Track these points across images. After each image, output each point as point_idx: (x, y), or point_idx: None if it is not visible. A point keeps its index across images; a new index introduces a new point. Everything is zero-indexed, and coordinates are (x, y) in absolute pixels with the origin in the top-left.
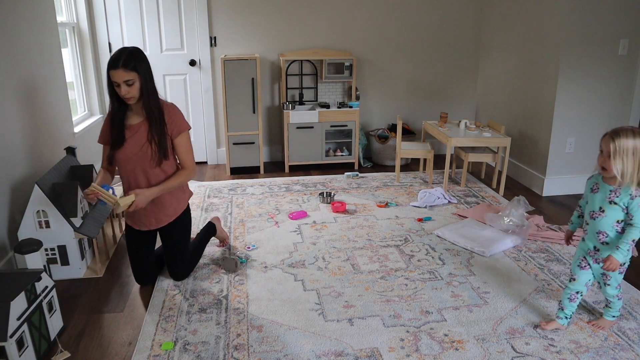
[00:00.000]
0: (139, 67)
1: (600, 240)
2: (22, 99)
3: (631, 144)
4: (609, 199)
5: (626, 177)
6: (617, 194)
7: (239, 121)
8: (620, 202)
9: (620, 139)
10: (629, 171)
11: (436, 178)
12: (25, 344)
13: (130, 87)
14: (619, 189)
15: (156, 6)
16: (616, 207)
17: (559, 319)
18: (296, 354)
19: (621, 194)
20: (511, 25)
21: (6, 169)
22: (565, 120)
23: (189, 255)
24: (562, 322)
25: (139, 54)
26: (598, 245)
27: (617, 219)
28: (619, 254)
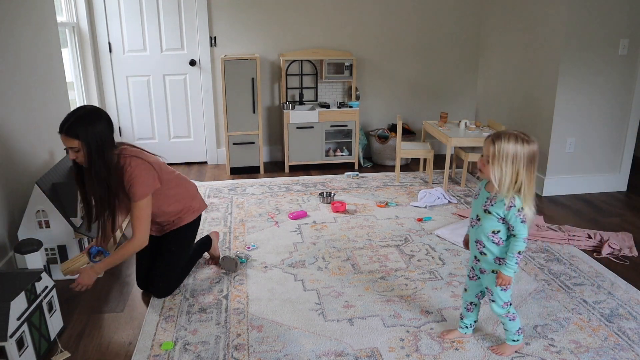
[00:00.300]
0: (82, 135)
1: (479, 249)
2: (22, 98)
3: (512, 150)
4: (484, 207)
5: (503, 187)
6: (492, 203)
7: (239, 121)
8: (494, 212)
9: (501, 143)
10: (506, 180)
11: (436, 178)
12: (25, 344)
13: (77, 153)
14: (494, 198)
15: (156, 6)
16: (491, 216)
17: (460, 328)
18: (296, 354)
19: (496, 203)
20: (511, 25)
21: (6, 169)
22: (565, 120)
23: (177, 271)
24: (463, 332)
25: (88, 119)
26: (478, 255)
27: (492, 229)
28: (507, 269)
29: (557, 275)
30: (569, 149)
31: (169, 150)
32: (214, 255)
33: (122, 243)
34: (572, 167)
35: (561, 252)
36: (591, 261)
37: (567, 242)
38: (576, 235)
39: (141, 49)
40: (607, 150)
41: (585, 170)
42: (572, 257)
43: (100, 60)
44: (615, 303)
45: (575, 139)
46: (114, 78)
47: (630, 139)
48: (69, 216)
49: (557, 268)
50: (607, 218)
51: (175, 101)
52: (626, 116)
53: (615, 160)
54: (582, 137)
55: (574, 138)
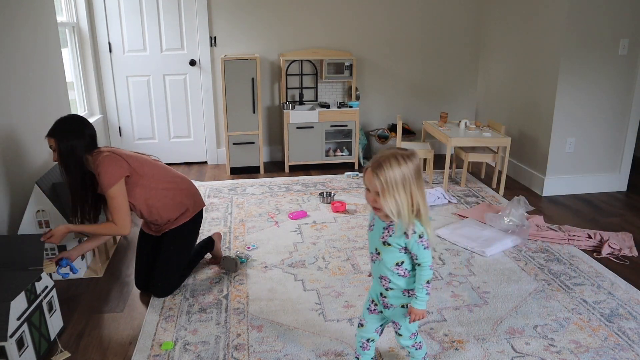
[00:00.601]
0: (58, 135)
1: (384, 285)
2: (22, 98)
3: (399, 175)
4: (382, 239)
5: (403, 216)
6: (390, 233)
7: (239, 121)
8: (394, 243)
9: (385, 172)
10: (404, 208)
11: (436, 178)
12: (25, 343)
13: (54, 152)
14: (391, 227)
15: (156, 6)
16: (391, 248)
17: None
18: (296, 354)
19: (394, 233)
20: (511, 25)
21: (6, 169)
22: (565, 120)
23: (177, 273)
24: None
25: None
26: (384, 291)
27: (395, 261)
28: (418, 302)
29: (557, 275)
30: (569, 149)
31: (169, 150)
32: (217, 256)
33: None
34: (572, 167)
35: (561, 252)
36: (591, 261)
37: (567, 242)
38: (576, 235)
39: (141, 49)
40: (607, 150)
41: (585, 170)
42: (572, 257)
43: (100, 60)
44: (615, 303)
45: (575, 139)
46: (114, 78)
47: (630, 138)
48: (69, 216)
49: (557, 268)
50: (607, 218)
51: (175, 101)
52: (626, 116)
53: (615, 160)
54: (582, 137)
55: (574, 138)
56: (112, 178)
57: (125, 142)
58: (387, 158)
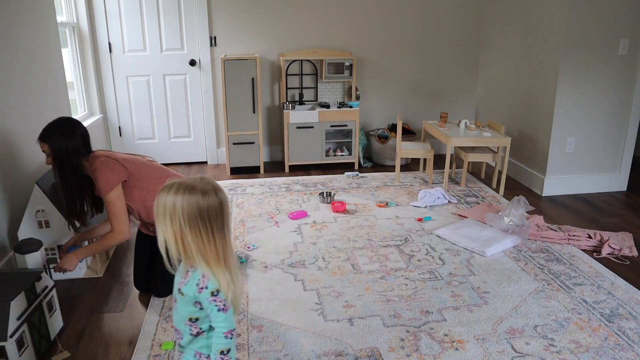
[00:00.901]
0: (49, 139)
1: (177, 340)
2: (22, 98)
3: (169, 203)
4: (179, 286)
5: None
6: (186, 280)
7: (239, 121)
8: (186, 293)
9: (159, 195)
10: (170, 244)
11: (436, 178)
12: (25, 343)
13: (48, 157)
14: (189, 272)
15: (156, 6)
16: (185, 298)
17: None
18: (296, 353)
19: (190, 280)
20: (511, 25)
21: (6, 169)
22: (565, 120)
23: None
24: None
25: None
26: (179, 347)
27: (189, 315)
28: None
29: (557, 275)
30: (569, 149)
31: (169, 150)
32: None
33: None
34: (572, 167)
35: (561, 252)
36: (591, 261)
37: (567, 242)
38: (576, 235)
39: (141, 48)
40: (607, 150)
41: (585, 170)
42: (572, 257)
43: (100, 60)
44: (615, 303)
45: (575, 139)
46: (114, 78)
47: (631, 138)
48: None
49: (557, 268)
50: (607, 218)
51: (175, 101)
52: (626, 116)
53: (616, 160)
54: (582, 137)
55: (574, 138)
56: (110, 183)
57: (125, 142)
58: (174, 183)
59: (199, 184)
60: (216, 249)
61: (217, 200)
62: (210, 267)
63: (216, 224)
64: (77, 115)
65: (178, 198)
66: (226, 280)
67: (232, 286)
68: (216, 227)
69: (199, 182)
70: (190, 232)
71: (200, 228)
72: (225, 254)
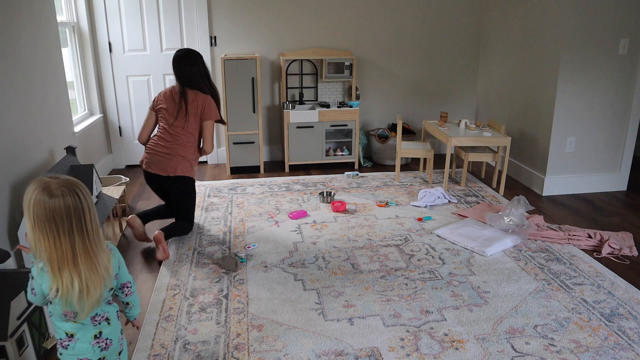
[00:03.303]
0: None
1: None
2: (22, 98)
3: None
4: None
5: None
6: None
7: (239, 121)
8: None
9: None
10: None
11: (436, 177)
12: (25, 343)
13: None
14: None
15: (156, 6)
16: None
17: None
18: (296, 353)
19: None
20: (511, 24)
21: (6, 169)
22: (565, 120)
23: (190, 216)
24: None
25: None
26: None
27: None
28: None
29: (557, 275)
30: (569, 149)
31: None
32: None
33: None
34: (572, 166)
35: (561, 251)
36: (591, 261)
37: (567, 242)
38: (576, 235)
39: (141, 48)
40: (607, 149)
41: (585, 169)
42: (572, 257)
43: (101, 60)
44: (615, 303)
45: (575, 139)
46: (114, 78)
47: (631, 138)
48: None
49: (557, 268)
50: (607, 218)
51: None
52: (626, 116)
53: (616, 160)
54: (582, 136)
55: (574, 137)
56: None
57: (125, 141)
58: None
59: (54, 184)
60: (62, 250)
61: (65, 204)
62: (50, 266)
63: (62, 226)
64: (77, 115)
65: (32, 195)
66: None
67: (70, 290)
68: (62, 230)
69: (56, 182)
70: (36, 230)
71: (47, 228)
72: (74, 257)
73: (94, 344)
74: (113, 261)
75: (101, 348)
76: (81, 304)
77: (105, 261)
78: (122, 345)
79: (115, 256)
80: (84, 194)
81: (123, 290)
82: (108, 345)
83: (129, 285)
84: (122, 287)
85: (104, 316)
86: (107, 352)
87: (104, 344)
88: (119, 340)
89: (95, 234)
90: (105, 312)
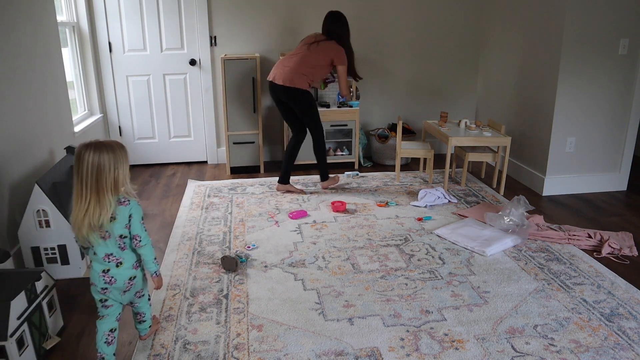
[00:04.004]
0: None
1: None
2: (22, 98)
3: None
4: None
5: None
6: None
7: (239, 120)
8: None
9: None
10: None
11: (436, 177)
12: (26, 343)
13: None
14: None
15: (156, 6)
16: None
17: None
18: (296, 353)
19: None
20: (511, 24)
21: (6, 168)
22: (565, 120)
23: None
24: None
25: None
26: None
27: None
28: None
29: (557, 275)
30: (569, 149)
31: (169, 149)
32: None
33: None
34: (572, 166)
35: (561, 251)
36: (591, 261)
37: (567, 242)
38: (576, 235)
39: (141, 48)
40: (607, 149)
41: (585, 169)
42: (572, 257)
43: (101, 60)
44: (615, 302)
45: (575, 139)
46: (114, 77)
47: (631, 138)
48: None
49: (557, 267)
50: (607, 217)
51: (176, 101)
52: (626, 115)
53: (616, 160)
54: (583, 136)
55: (574, 137)
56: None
57: (125, 141)
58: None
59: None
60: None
61: (92, 159)
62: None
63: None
64: (77, 115)
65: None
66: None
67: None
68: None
69: (95, 143)
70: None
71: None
72: (87, 197)
73: (101, 276)
74: (122, 211)
75: (105, 282)
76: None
77: (108, 207)
78: (131, 286)
79: (127, 208)
80: (109, 154)
81: (133, 242)
82: (112, 282)
83: (138, 239)
84: (133, 237)
85: (117, 260)
86: (109, 286)
87: (108, 279)
88: (125, 283)
89: (109, 187)
90: (119, 257)
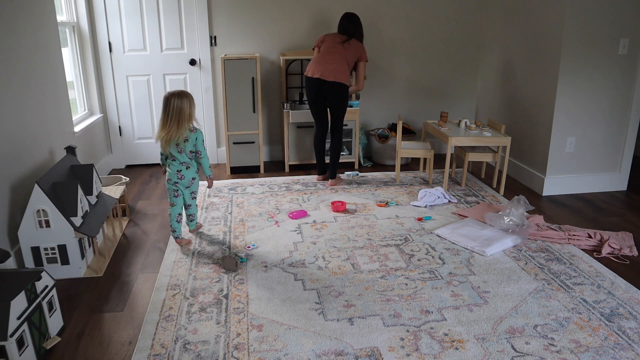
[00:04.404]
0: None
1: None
2: (22, 98)
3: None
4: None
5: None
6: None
7: (239, 120)
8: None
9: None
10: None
11: (436, 177)
12: (26, 343)
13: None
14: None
15: (156, 6)
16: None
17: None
18: (296, 353)
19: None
20: (511, 24)
21: (6, 169)
22: (565, 120)
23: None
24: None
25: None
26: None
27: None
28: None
29: (557, 275)
30: (569, 149)
31: None
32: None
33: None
34: (572, 166)
35: (561, 251)
36: (591, 261)
37: (567, 242)
38: (576, 235)
39: (141, 48)
40: (607, 149)
41: (585, 169)
42: (572, 257)
43: (101, 60)
44: (615, 302)
45: (575, 139)
46: (114, 77)
47: (631, 138)
48: (69, 216)
49: (557, 267)
50: (607, 217)
51: None
52: (626, 115)
53: (616, 160)
54: (583, 136)
55: (574, 137)
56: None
57: (125, 141)
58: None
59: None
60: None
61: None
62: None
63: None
64: (77, 115)
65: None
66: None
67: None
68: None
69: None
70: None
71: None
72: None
73: (175, 174)
74: (192, 136)
75: (178, 177)
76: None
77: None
78: (192, 184)
79: (195, 135)
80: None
81: (197, 155)
82: (182, 178)
83: (200, 155)
84: (196, 152)
85: (187, 165)
86: (180, 180)
87: (180, 176)
88: (189, 180)
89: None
90: (188, 164)
